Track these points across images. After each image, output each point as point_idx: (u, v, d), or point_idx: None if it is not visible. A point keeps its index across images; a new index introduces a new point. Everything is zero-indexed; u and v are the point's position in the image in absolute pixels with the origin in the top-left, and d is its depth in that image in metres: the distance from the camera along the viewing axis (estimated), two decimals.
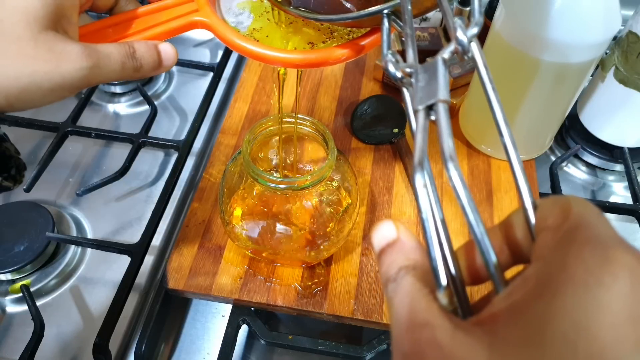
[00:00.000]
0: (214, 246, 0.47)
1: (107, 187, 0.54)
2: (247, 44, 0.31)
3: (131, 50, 0.30)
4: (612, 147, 0.59)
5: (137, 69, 0.31)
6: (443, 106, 0.22)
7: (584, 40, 0.43)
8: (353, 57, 0.32)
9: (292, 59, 0.31)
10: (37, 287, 0.48)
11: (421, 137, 0.22)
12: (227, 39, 0.32)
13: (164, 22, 0.33)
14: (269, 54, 0.31)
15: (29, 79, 0.27)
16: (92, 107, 0.65)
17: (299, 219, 0.42)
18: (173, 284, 0.45)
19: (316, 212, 0.42)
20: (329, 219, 0.42)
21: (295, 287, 0.45)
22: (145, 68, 0.31)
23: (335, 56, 0.31)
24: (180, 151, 0.57)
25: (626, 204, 0.54)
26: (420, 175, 0.20)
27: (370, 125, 0.57)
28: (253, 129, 0.41)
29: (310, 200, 0.42)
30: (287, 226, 0.41)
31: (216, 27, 0.33)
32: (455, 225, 0.49)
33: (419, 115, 0.22)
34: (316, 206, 0.42)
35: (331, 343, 0.43)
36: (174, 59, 0.33)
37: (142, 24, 0.33)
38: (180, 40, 0.74)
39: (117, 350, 0.45)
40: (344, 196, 0.43)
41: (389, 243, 0.22)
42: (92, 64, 0.28)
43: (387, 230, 0.22)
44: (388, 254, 0.21)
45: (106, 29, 0.32)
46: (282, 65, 0.35)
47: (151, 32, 0.32)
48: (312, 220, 0.42)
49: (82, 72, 0.28)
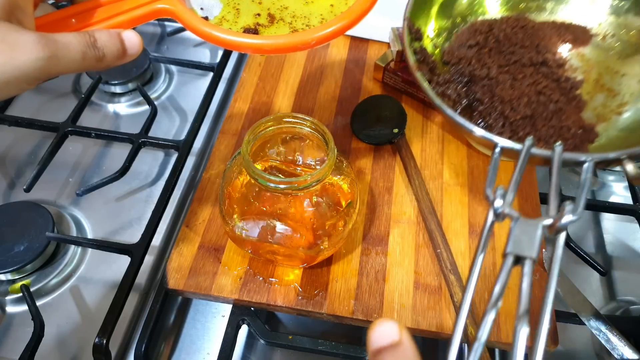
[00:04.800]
0: (214, 246, 0.47)
1: (107, 187, 0.54)
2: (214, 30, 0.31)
3: (92, 39, 0.29)
4: None
5: (99, 59, 0.29)
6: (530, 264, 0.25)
7: None
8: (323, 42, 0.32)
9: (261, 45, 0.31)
10: (37, 287, 0.48)
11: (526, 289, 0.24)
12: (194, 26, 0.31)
13: (127, 10, 0.32)
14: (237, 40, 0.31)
15: None
16: (92, 107, 0.65)
17: (299, 219, 0.42)
18: (173, 284, 0.45)
19: (316, 211, 0.42)
20: (328, 219, 0.42)
21: (295, 287, 0.45)
22: (108, 58, 0.30)
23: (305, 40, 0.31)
24: (180, 151, 0.57)
25: (626, 204, 0.54)
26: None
27: (370, 125, 0.57)
28: (253, 129, 0.41)
29: (310, 200, 0.42)
30: (287, 226, 0.41)
31: (182, 15, 0.32)
32: (455, 225, 0.49)
33: (507, 260, 0.25)
34: (316, 206, 0.42)
35: (331, 343, 0.43)
36: (138, 47, 0.32)
37: (105, 12, 0.32)
38: (180, 40, 0.74)
39: (117, 350, 0.45)
40: (344, 196, 0.43)
41: (391, 344, 0.21)
42: (50, 54, 0.27)
43: (390, 330, 0.22)
44: (387, 356, 0.21)
45: (67, 19, 0.31)
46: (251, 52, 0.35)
47: (115, 21, 0.32)
48: (312, 220, 0.42)
49: (39, 62, 0.26)
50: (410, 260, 0.47)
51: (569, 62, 0.40)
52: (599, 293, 0.50)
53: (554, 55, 0.40)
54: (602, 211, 0.56)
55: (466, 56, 0.40)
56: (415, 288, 0.45)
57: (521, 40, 0.41)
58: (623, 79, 0.38)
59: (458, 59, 0.40)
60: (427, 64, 0.38)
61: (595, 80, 0.39)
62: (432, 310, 0.43)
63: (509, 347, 0.43)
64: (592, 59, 0.40)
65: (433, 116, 0.59)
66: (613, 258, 0.53)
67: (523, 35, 0.41)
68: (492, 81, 0.39)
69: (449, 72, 0.39)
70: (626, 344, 0.40)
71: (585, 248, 0.50)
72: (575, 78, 0.39)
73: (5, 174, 0.58)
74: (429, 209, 0.49)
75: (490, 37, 0.41)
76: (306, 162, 0.44)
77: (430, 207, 0.49)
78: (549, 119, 0.37)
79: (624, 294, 0.50)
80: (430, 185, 0.52)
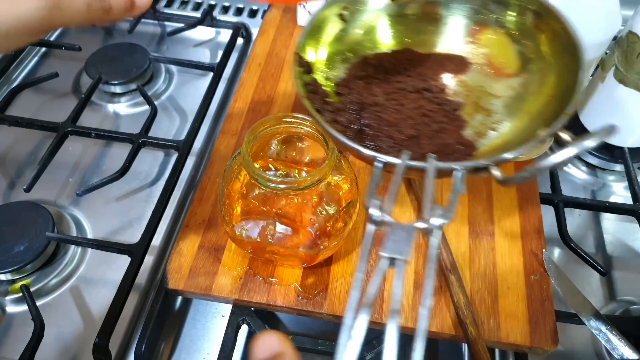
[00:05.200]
0: (214, 246, 0.47)
1: (107, 187, 0.54)
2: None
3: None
4: (612, 147, 0.59)
5: (106, 11, 0.28)
6: (402, 265, 0.27)
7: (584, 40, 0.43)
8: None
9: None
10: (37, 287, 0.48)
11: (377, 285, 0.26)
12: None
13: None
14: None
15: None
16: (92, 107, 0.65)
17: (299, 219, 0.42)
18: (173, 284, 0.45)
19: (316, 211, 0.42)
20: (329, 219, 0.42)
21: (295, 287, 0.45)
22: (115, 10, 0.29)
23: None
24: (180, 151, 0.57)
25: (626, 204, 0.54)
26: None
27: None
28: (253, 129, 0.41)
29: (310, 200, 0.42)
30: (287, 226, 0.41)
31: None
32: (455, 225, 0.49)
33: (382, 262, 0.27)
34: (316, 206, 0.42)
35: (331, 343, 0.43)
36: (147, 1, 0.31)
37: None
38: (180, 40, 0.75)
39: (117, 350, 0.45)
40: (344, 196, 0.43)
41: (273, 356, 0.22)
42: (52, 4, 0.26)
43: (271, 342, 0.22)
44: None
45: None
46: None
47: None
48: (312, 220, 0.42)
49: (40, 12, 0.25)
50: (410, 261, 0.47)
51: (451, 87, 0.45)
52: (599, 293, 0.50)
53: (437, 82, 0.45)
54: (602, 211, 0.56)
55: (357, 86, 0.44)
56: (415, 288, 0.45)
57: (407, 71, 0.45)
58: (495, 100, 0.44)
59: (349, 89, 0.44)
60: (319, 95, 0.41)
61: (475, 102, 0.44)
62: (432, 310, 0.43)
63: (509, 347, 0.43)
64: (470, 84, 0.45)
65: None
66: (613, 258, 0.53)
67: (409, 66, 0.46)
68: (380, 107, 0.42)
69: (341, 101, 0.43)
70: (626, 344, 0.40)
71: (585, 248, 0.50)
72: (456, 101, 0.44)
73: (5, 174, 0.58)
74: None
75: (380, 69, 0.45)
76: (306, 162, 0.44)
77: None
78: (433, 138, 0.40)
79: (624, 294, 0.50)
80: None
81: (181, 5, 0.79)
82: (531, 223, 0.49)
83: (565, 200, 0.53)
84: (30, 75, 0.70)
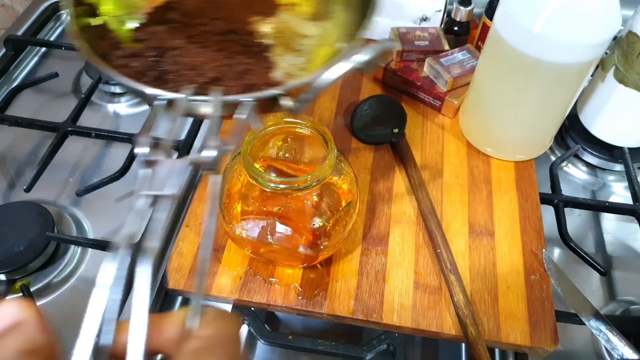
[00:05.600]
0: (214, 246, 0.47)
1: (107, 187, 0.54)
2: None
3: None
4: (612, 147, 0.59)
5: None
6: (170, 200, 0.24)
7: (584, 40, 0.43)
8: None
9: None
10: (37, 287, 0.48)
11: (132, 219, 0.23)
12: None
13: None
14: None
15: None
16: (92, 107, 0.65)
17: (299, 219, 0.42)
18: (173, 284, 0.45)
19: (316, 211, 0.42)
20: (328, 219, 0.42)
21: (295, 287, 0.45)
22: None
23: None
24: (180, 151, 0.57)
25: (626, 204, 0.54)
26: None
27: (370, 125, 0.57)
28: (253, 129, 0.41)
29: (310, 200, 0.42)
30: (287, 226, 0.41)
31: None
32: (455, 225, 0.49)
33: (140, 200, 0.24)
34: (316, 206, 0.42)
35: (331, 343, 0.43)
36: None
37: None
38: None
39: None
40: (344, 196, 0.43)
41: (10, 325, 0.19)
42: None
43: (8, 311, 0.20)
44: (5, 337, 0.19)
45: None
46: None
47: None
48: (312, 220, 0.42)
49: None
50: (410, 260, 0.47)
51: (260, 30, 0.44)
52: (599, 293, 0.50)
53: (245, 25, 0.44)
54: (602, 211, 0.56)
55: (157, 31, 0.42)
56: (415, 288, 0.45)
57: (213, 14, 0.44)
58: (305, 40, 0.44)
59: (149, 34, 0.42)
60: (108, 40, 0.40)
61: (285, 43, 0.43)
62: (432, 310, 0.43)
63: (509, 347, 0.43)
64: (281, 26, 0.45)
65: (433, 116, 0.59)
66: (613, 258, 0.53)
67: (215, 9, 0.44)
68: (181, 51, 0.41)
69: (139, 47, 0.40)
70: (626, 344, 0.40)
71: (585, 248, 0.50)
72: (265, 43, 0.43)
73: (5, 174, 0.58)
74: (429, 209, 0.49)
75: (184, 13, 0.44)
76: (306, 162, 0.44)
77: (430, 207, 0.49)
78: (238, 79, 0.39)
79: (624, 294, 0.50)
80: (430, 185, 0.52)
81: None
82: (531, 223, 0.49)
83: (565, 200, 0.53)
84: (30, 75, 0.70)
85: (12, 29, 0.74)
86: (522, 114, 0.51)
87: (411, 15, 0.65)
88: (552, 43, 0.43)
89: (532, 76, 0.47)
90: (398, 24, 0.65)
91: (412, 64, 0.61)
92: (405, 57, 0.61)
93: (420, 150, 0.55)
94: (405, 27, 0.63)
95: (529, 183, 0.53)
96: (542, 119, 0.52)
